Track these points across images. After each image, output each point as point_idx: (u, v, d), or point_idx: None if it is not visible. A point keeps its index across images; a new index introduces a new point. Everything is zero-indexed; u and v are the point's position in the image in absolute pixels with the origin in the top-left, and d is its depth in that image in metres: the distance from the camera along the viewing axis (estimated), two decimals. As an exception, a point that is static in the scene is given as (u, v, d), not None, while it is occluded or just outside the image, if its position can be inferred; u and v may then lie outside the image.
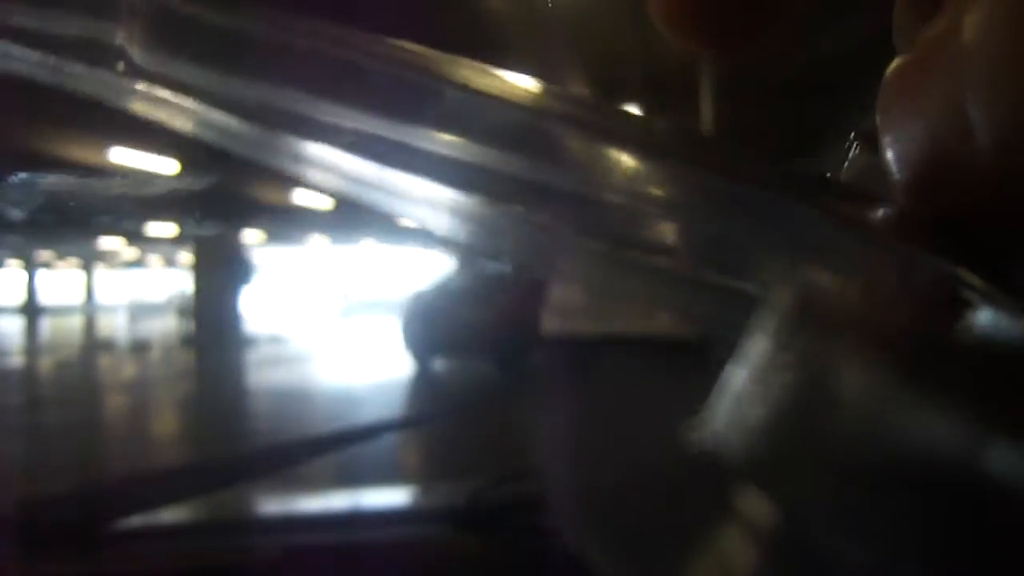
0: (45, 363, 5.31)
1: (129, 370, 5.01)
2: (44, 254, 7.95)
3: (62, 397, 3.75)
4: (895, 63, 0.15)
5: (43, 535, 0.69)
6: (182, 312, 5.75)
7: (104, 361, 5.55)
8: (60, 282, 8.97)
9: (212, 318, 4.64)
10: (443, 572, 0.75)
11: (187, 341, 5.20)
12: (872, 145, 0.16)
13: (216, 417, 2.99)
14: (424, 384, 3.90)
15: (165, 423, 3.31)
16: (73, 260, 8.89)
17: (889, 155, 0.14)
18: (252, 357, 4.78)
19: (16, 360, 5.23)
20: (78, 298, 8.76)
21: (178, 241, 5.79)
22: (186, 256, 5.79)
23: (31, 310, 7.52)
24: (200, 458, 2.26)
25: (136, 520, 0.79)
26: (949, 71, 0.13)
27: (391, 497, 1.08)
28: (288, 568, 0.73)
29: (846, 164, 0.18)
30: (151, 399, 3.83)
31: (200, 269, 4.81)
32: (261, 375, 4.21)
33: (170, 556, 0.77)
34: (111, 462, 2.25)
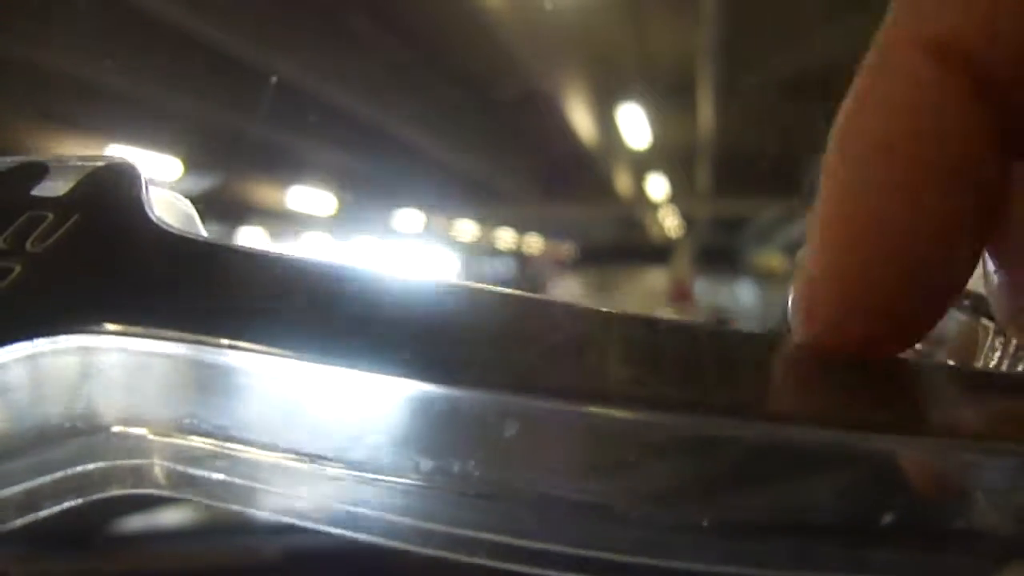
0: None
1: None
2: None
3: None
4: None
5: (43, 535, 0.69)
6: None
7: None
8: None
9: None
10: (443, 572, 0.74)
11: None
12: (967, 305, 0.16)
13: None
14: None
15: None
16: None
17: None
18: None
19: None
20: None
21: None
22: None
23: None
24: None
25: (136, 520, 0.79)
26: None
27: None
28: (288, 569, 0.73)
29: None
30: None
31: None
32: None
33: (170, 556, 0.77)
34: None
